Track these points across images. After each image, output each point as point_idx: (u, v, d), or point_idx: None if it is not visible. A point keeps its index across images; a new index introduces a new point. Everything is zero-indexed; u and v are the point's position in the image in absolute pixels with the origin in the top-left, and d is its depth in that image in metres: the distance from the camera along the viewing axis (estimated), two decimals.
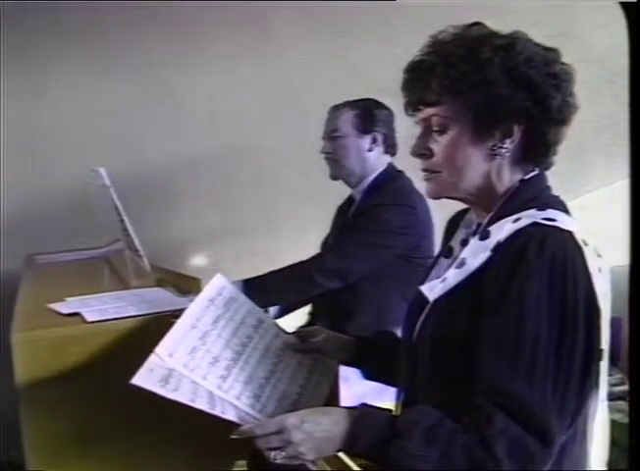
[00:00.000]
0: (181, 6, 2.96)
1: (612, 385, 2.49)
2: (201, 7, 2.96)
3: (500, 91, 1.16)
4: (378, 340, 1.52)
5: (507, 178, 1.22)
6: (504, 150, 1.19)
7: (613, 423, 2.24)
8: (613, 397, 2.43)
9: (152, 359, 1.26)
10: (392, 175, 2.32)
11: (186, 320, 1.36)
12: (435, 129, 1.21)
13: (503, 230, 1.15)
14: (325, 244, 2.50)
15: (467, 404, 1.06)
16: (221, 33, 3.06)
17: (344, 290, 2.22)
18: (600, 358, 1.12)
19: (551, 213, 1.15)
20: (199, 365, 1.30)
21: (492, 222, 1.21)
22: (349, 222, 2.35)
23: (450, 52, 1.18)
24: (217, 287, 1.46)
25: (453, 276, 1.20)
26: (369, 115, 2.30)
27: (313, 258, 2.29)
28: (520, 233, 1.12)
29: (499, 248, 1.14)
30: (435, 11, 1.26)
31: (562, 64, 1.21)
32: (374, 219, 2.22)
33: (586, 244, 1.12)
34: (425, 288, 1.25)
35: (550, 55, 1.20)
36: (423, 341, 1.22)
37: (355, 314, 2.26)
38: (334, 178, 2.38)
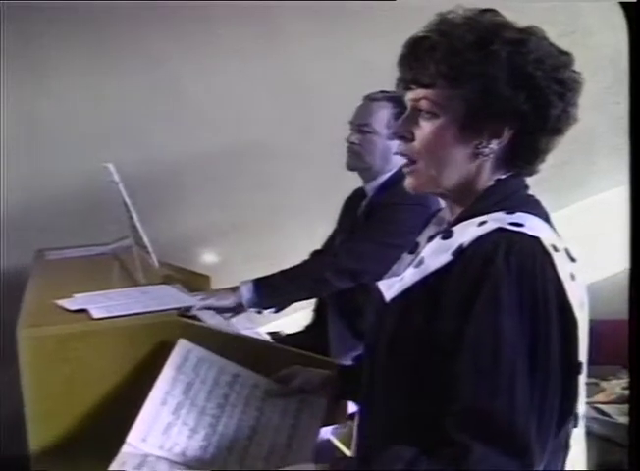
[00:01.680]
0: (189, 2, 2.96)
1: (624, 388, 2.47)
2: (210, 3, 2.96)
3: (499, 89, 1.08)
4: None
5: (487, 177, 1.15)
6: (487, 151, 1.12)
7: (622, 426, 2.22)
8: (623, 401, 2.41)
9: (124, 450, 1.22)
10: None
11: (155, 398, 1.31)
12: (422, 112, 1.14)
13: (466, 232, 1.09)
14: (332, 239, 2.48)
15: (435, 426, 1.00)
16: (230, 30, 3.05)
17: (355, 290, 2.20)
18: (578, 372, 1.06)
19: (519, 217, 1.08)
20: (176, 442, 1.26)
21: (458, 221, 1.15)
22: (361, 218, 2.32)
23: (456, 36, 1.10)
24: (182, 352, 1.41)
25: (409, 275, 1.14)
26: None
27: (325, 257, 2.27)
28: (484, 239, 1.06)
29: (461, 253, 1.07)
30: (446, 7, 1.23)
31: (573, 71, 1.13)
32: (388, 218, 2.18)
33: (556, 250, 1.05)
34: (383, 286, 1.19)
35: (562, 59, 1.12)
36: (380, 344, 1.17)
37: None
38: (351, 168, 2.33)
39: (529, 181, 1.21)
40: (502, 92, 1.08)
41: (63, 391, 1.49)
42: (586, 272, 1.15)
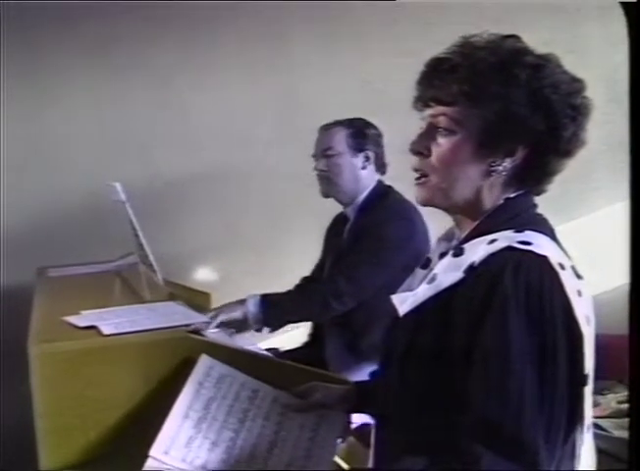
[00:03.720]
0: (195, 19, 3.00)
1: (619, 402, 2.50)
2: (215, 21, 3.01)
3: (517, 109, 1.13)
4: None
5: (497, 195, 1.19)
6: (501, 168, 1.16)
7: (618, 439, 2.25)
8: (621, 415, 2.44)
9: (149, 464, 1.26)
10: (383, 191, 2.35)
11: (178, 412, 1.35)
12: (440, 129, 1.17)
13: (477, 250, 1.12)
14: (320, 267, 2.51)
15: (447, 437, 1.04)
16: (235, 48, 3.10)
17: (353, 308, 2.23)
18: (584, 384, 1.09)
19: (528, 235, 1.12)
20: (198, 455, 1.29)
21: (468, 239, 1.19)
22: (346, 241, 2.36)
23: (479, 58, 1.14)
24: (204, 368, 1.44)
25: (422, 291, 1.17)
26: (361, 134, 2.35)
27: (326, 283, 2.30)
28: (494, 257, 1.09)
29: (472, 271, 1.11)
30: (451, 28, 1.26)
31: (584, 97, 1.18)
32: (375, 237, 2.23)
33: (563, 268, 1.09)
34: (396, 300, 1.22)
35: (575, 85, 1.18)
36: (393, 357, 1.21)
37: (366, 330, 2.26)
38: (325, 195, 2.41)
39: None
40: (519, 113, 1.13)
41: (74, 406, 1.50)
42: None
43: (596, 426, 2.37)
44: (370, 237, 2.24)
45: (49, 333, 1.62)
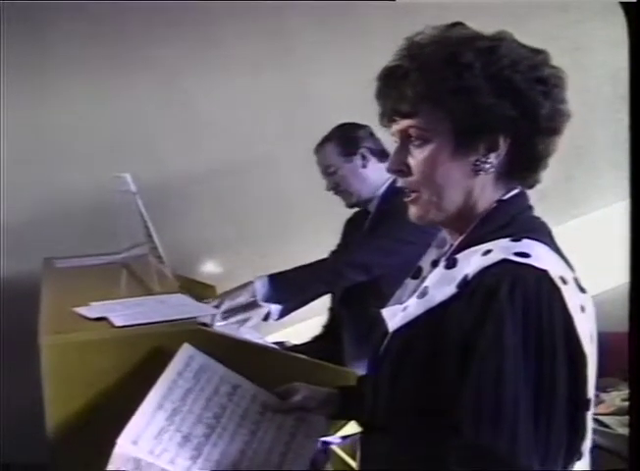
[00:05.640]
0: (201, 15, 3.00)
1: (623, 399, 2.52)
2: (221, 17, 3.01)
3: (482, 100, 1.05)
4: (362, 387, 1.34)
5: (489, 196, 1.12)
6: (488, 165, 1.09)
7: (622, 437, 2.26)
8: (623, 413, 2.46)
9: (116, 452, 1.18)
10: None
11: (152, 401, 1.28)
12: (413, 142, 1.11)
13: (470, 262, 1.05)
14: (335, 253, 2.52)
15: (435, 455, 0.99)
16: (240, 43, 3.12)
17: (371, 300, 2.22)
18: (587, 409, 1.03)
19: (525, 245, 1.03)
20: (167, 448, 1.21)
21: (461, 248, 1.11)
22: (367, 229, 2.39)
23: (426, 56, 1.08)
24: (185, 358, 1.38)
25: (413, 306, 1.10)
26: (348, 139, 2.41)
27: (342, 254, 2.34)
28: (489, 271, 1.01)
29: (465, 286, 1.03)
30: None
31: (552, 67, 1.10)
32: (400, 217, 2.19)
33: (565, 282, 1.01)
34: (387, 314, 1.16)
35: (537, 58, 1.09)
36: (382, 373, 1.15)
37: None
38: (350, 206, 2.47)
39: (532, 197, 1.18)
40: (485, 103, 1.06)
41: (83, 396, 1.51)
42: (587, 285, 1.17)
43: (600, 423, 2.40)
44: (390, 219, 2.25)
45: (60, 324, 1.63)
